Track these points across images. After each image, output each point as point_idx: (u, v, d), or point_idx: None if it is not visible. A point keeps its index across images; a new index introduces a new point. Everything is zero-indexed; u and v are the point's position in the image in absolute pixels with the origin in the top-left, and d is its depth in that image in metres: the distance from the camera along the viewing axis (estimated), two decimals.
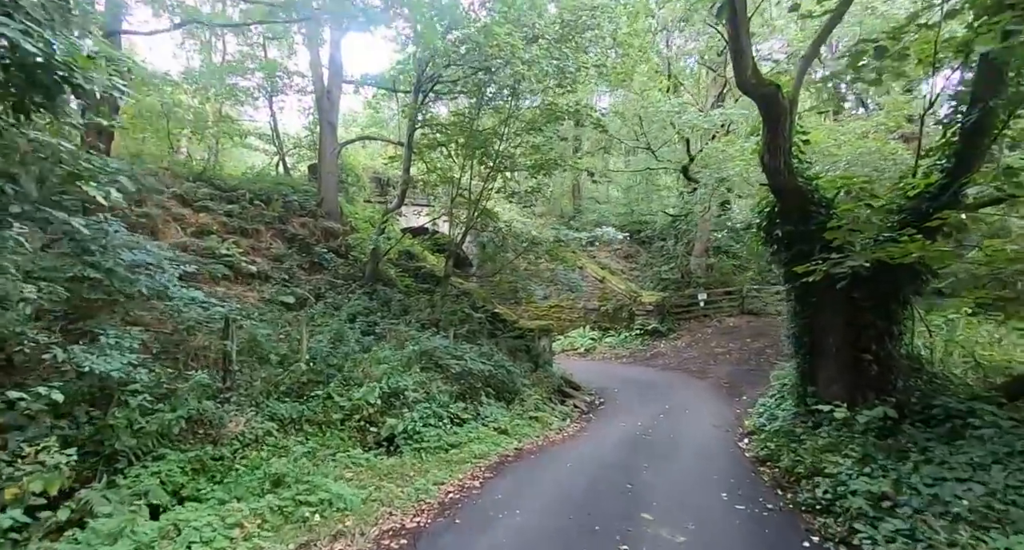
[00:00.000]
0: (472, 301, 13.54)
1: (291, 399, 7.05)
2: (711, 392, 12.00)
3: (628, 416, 10.05)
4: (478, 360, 9.50)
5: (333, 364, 7.87)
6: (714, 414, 9.76)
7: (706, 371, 14.22)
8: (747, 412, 9.73)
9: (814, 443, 5.78)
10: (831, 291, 6.30)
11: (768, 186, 6.59)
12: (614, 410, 10.88)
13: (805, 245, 6.45)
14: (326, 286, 11.70)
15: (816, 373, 6.86)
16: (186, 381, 5.84)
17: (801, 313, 6.82)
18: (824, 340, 6.64)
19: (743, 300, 18.37)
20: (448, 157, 12.17)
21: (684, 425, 8.98)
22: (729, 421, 9.19)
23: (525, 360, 12.11)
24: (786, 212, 6.54)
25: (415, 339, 9.58)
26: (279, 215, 12.46)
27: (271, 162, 15.57)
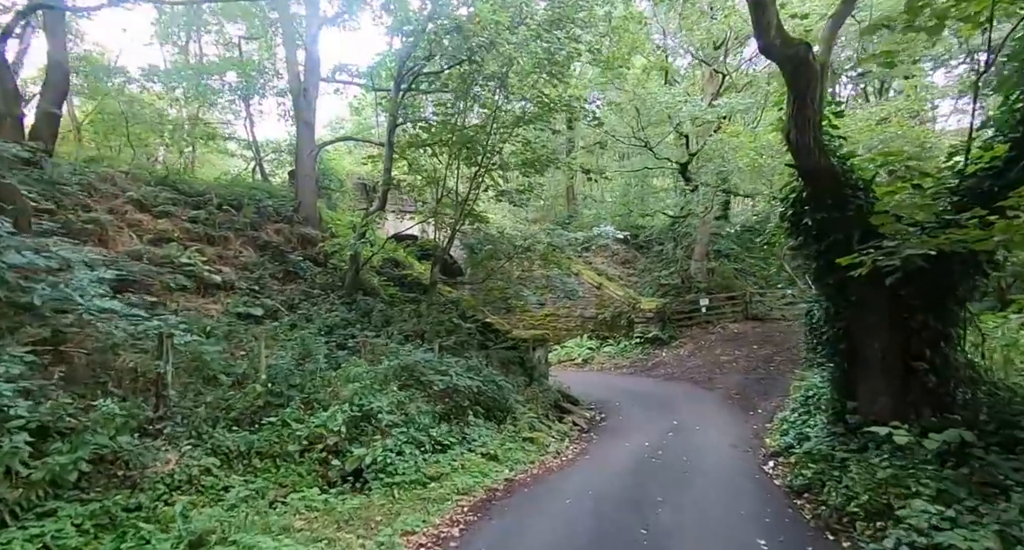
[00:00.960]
0: (461, 310, 12.42)
1: (242, 427, 5.89)
2: (721, 405, 10.86)
3: (633, 434, 8.91)
4: (465, 375, 8.37)
5: (295, 384, 6.72)
6: (729, 431, 8.63)
7: (713, 381, 13.09)
8: (765, 428, 8.60)
9: (866, 473, 4.67)
10: (874, 288, 5.23)
11: (795, 167, 5.55)
12: (617, 427, 9.73)
13: (840, 234, 5.39)
14: (301, 296, 10.57)
15: (855, 384, 5.76)
16: (101, 411, 4.69)
17: (836, 315, 5.73)
18: (866, 346, 5.56)
19: (747, 305, 17.32)
20: (432, 156, 11.14)
21: (697, 445, 7.84)
22: (747, 439, 8.06)
23: (519, 373, 10.96)
24: (817, 197, 5.48)
25: (395, 353, 8.45)
26: (251, 221, 11.36)
27: (247, 167, 14.51)
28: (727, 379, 13.05)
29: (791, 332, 16.09)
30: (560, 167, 10.94)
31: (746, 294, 17.34)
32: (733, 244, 19.22)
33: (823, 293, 5.80)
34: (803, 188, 5.64)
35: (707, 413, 10.13)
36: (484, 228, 11.02)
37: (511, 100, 10.40)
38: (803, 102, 5.14)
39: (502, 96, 10.16)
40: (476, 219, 11.20)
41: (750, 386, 12.10)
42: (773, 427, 8.42)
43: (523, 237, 10.54)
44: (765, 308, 17.27)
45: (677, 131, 14.49)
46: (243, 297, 9.61)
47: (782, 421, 8.12)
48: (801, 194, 5.67)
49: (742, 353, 14.98)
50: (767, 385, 12.00)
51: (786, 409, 8.70)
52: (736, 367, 14.00)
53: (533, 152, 10.74)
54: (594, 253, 19.73)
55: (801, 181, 5.63)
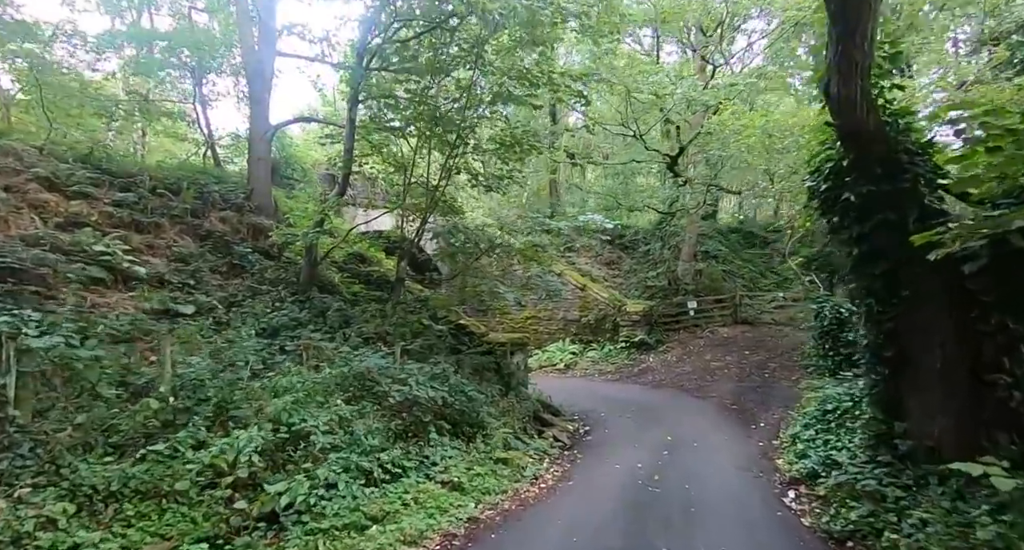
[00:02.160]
0: (432, 311, 11.03)
1: (126, 457, 4.43)
2: (718, 416, 9.63)
3: (622, 452, 7.61)
4: (428, 384, 6.98)
5: (208, 398, 5.26)
6: (732, 449, 7.38)
7: (705, 389, 11.89)
8: (773, 446, 7.38)
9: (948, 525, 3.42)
10: (935, 280, 4.02)
11: (834, 128, 4.33)
12: (604, 442, 8.43)
13: (893, 212, 4.18)
14: (245, 293, 9.06)
15: (903, 400, 4.54)
16: None
17: (881, 314, 4.50)
18: (920, 352, 4.35)
19: (736, 308, 16.23)
20: (400, 137, 9.77)
21: (699, 467, 6.56)
22: (755, 460, 6.81)
23: (494, 381, 9.60)
24: (862, 166, 4.27)
25: (346, 358, 7.03)
26: (191, 208, 9.79)
27: (198, 152, 12.92)
28: (720, 387, 11.86)
29: (783, 337, 15.03)
30: (542, 151, 9.63)
31: (735, 297, 16.26)
32: (721, 245, 18.18)
33: (864, 287, 4.58)
34: (843, 155, 4.43)
35: (703, 426, 8.89)
36: (457, 219, 9.66)
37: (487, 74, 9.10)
38: (850, 41, 3.92)
39: (477, 71, 8.85)
40: (449, 208, 9.83)
41: (746, 395, 10.92)
42: (782, 444, 7.20)
43: (499, 225, 9.19)
44: (755, 311, 16.21)
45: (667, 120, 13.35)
46: (172, 292, 8.11)
47: (794, 439, 6.89)
48: (840, 163, 4.45)
49: (734, 359, 13.85)
50: (764, 394, 10.84)
51: (795, 424, 7.50)
52: (728, 374, 12.84)
53: (512, 136, 9.43)
54: (578, 253, 18.52)
55: (841, 146, 4.41)
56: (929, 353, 4.26)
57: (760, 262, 18.47)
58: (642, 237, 18.13)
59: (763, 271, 18.27)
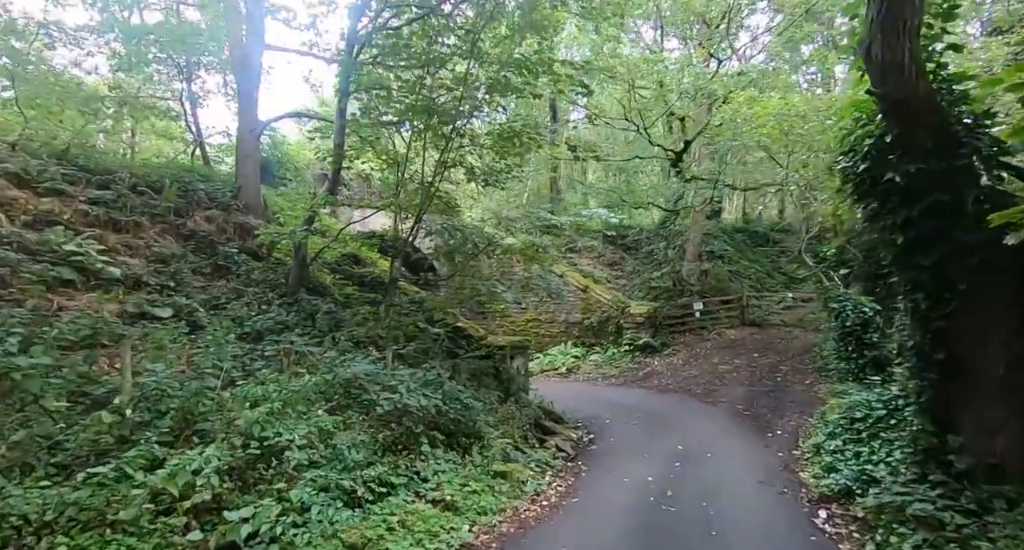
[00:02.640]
0: (428, 313, 10.46)
1: (71, 479, 3.84)
2: (730, 423, 9.01)
3: (631, 463, 7.00)
4: (420, 391, 6.38)
5: (171, 410, 4.67)
6: (749, 460, 6.76)
7: (714, 394, 11.26)
8: (793, 456, 6.75)
9: None
10: (1000, 271, 3.43)
11: (875, 98, 3.74)
12: (610, 453, 7.81)
13: (946, 193, 3.59)
14: (230, 295, 8.49)
15: (958, 410, 3.93)
16: None
17: (932, 310, 3.90)
18: (978, 355, 3.75)
19: (743, 310, 15.62)
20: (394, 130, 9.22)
21: (715, 481, 5.95)
22: (776, 472, 6.19)
23: (492, 387, 9.00)
24: (910, 140, 3.69)
25: (331, 363, 6.45)
26: (174, 206, 9.24)
27: (186, 151, 12.40)
28: (730, 391, 11.23)
29: (793, 339, 14.41)
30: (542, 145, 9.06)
31: (742, 298, 15.65)
32: (726, 245, 17.58)
33: (909, 280, 3.98)
34: (885, 129, 3.84)
35: (716, 434, 8.26)
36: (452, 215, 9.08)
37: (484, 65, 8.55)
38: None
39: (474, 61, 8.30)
40: (445, 206, 9.26)
41: (758, 400, 10.30)
42: (804, 455, 6.57)
43: (497, 221, 8.60)
44: (763, 313, 15.59)
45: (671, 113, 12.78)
46: (150, 294, 7.55)
47: (817, 449, 6.28)
48: (882, 139, 3.86)
49: (742, 362, 13.22)
50: (777, 399, 10.21)
51: (816, 432, 6.89)
52: (738, 378, 12.21)
53: (511, 129, 8.87)
54: (579, 254, 17.93)
55: (883, 119, 3.83)
56: (989, 356, 3.67)
57: (767, 262, 17.88)
58: (645, 237, 17.55)
59: (770, 271, 17.67)
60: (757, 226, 19.56)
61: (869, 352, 7.21)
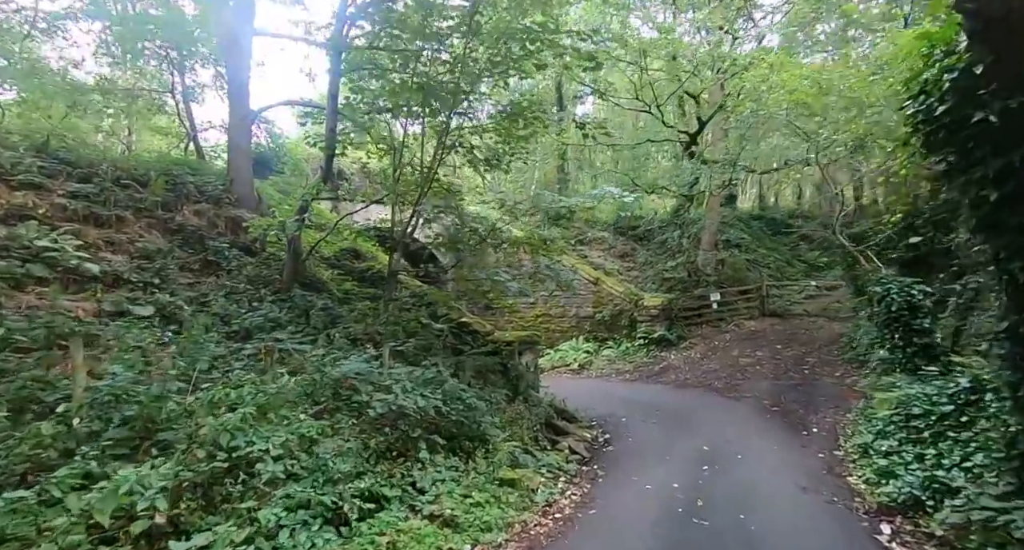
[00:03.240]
0: (432, 308, 9.81)
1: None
2: (758, 420, 8.22)
3: (652, 467, 6.27)
4: (418, 391, 5.71)
5: (128, 418, 4.05)
6: (786, 462, 5.98)
7: (737, 388, 10.46)
8: (836, 457, 5.96)
9: None
10: None
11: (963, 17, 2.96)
12: (628, 455, 7.09)
13: None
14: (219, 291, 7.90)
15: None
16: None
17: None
18: None
19: (763, 300, 14.74)
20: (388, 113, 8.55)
21: (752, 488, 5.20)
22: (819, 476, 5.41)
23: (500, 385, 8.32)
24: (1009, 68, 2.90)
25: (319, 363, 5.80)
26: (162, 200, 8.67)
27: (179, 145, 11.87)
28: (754, 386, 10.42)
29: (818, 329, 13.53)
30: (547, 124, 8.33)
31: (762, 287, 14.77)
32: (743, 233, 16.69)
33: (1004, 246, 3.17)
34: (975, 58, 3.05)
35: (744, 432, 7.49)
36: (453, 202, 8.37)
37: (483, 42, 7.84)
38: None
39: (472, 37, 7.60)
40: (446, 191, 8.59)
41: (785, 394, 9.48)
42: (849, 457, 5.78)
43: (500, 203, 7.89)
44: (784, 303, 14.71)
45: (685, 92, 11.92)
46: (132, 292, 6.98)
47: (864, 450, 5.49)
48: (970, 71, 3.07)
49: (765, 354, 12.39)
50: (807, 393, 9.39)
51: (861, 430, 6.09)
52: (761, 371, 11.39)
53: (515, 106, 8.14)
54: (589, 246, 17.17)
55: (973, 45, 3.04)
56: None
57: (786, 250, 16.96)
58: (657, 226, 16.72)
59: (789, 259, 16.75)
60: (774, 213, 18.63)
61: (919, 340, 6.38)
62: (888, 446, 5.02)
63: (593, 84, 8.83)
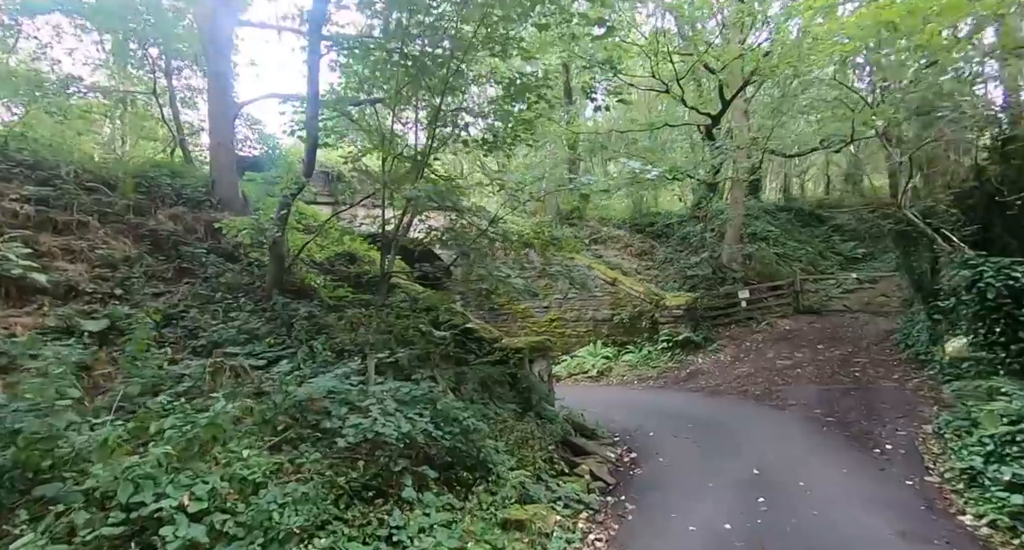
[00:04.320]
0: (434, 314, 8.72)
1: None
2: (812, 434, 6.89)
3: (693, 499, 5.03)
4: (404, 413, 4.59)
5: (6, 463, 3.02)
6: (865, 491, 4.69)
7: (778, 395, 9.10)
8: (932, 485, 4.64)
9: None
10: None
11: None
12: (661, 480, 5.85)
13: None
14: (191, 302, 6.94)
15: None
16: None
17: None
18: None
19: (796, 296, 13.32)
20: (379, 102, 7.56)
21: (830, 530, 3.93)
22: (919, 514, 4.11)
23: (508, 398, 7.17)
24: None
25: (283, 380, 4.74)
26: (133, 204, 7.82)
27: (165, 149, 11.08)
28: (798, 392, 9.06)
29: (863, 325, 12.04)
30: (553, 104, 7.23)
31: (795, 282, 13.34)
32: (770, 225, 15.29)
33: None
34: None
35: (799, 450, 6.18)
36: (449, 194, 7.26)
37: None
38: None
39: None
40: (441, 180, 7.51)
41: (838, 402, 8.11)
42: (951, 485, 4.46)
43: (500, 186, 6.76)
44: (820, 298, 13.26)
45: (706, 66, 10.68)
46: (89, 304, 6.06)
47: (973, 477, 4.17)
48: None
49: (805, 356, 10.97)
50: (863, 400, 8.00)
51: (960, 449, 4.75)
52: (803, 375, 9.99)
53: (521, 83, 7.04)
54: (605, 245, 15.96)
55: None
56: None
57: (818, 242, 15.50)
58: (677, 221, 15.43)
59: (822, 252, 15.28)
60: (802, 204, 17.19)
61: None
62: (1013, 474, 3.71)
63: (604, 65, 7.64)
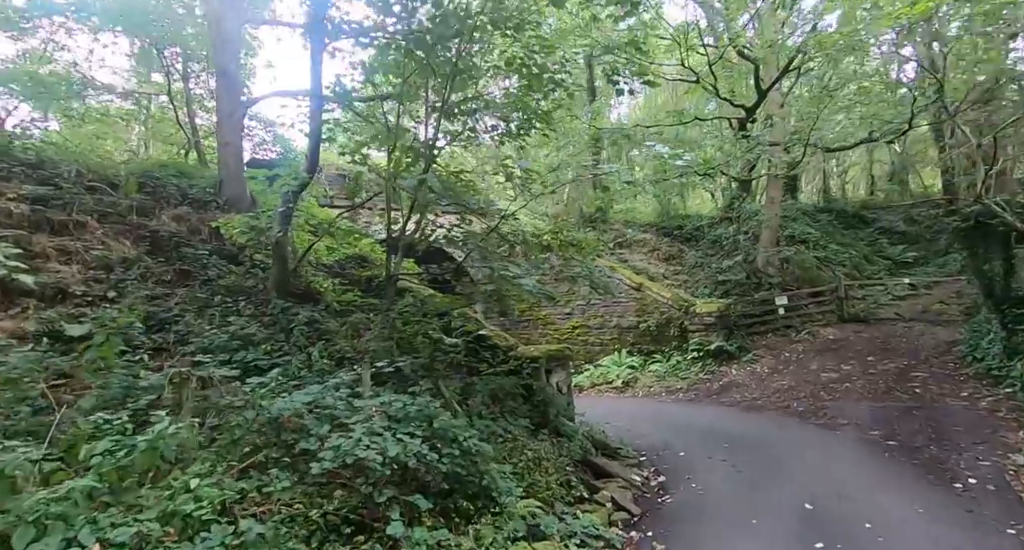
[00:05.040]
0: (447, 320, 8.10)
1: None
2: (875, 461, 5.89)
3: (735, 539, 4.20)
4: (391, 433, 3.94)
5: None
6: (953, 540, 3.77)
7: (825, 413, 8.07)
8: None
9: None
10: None
11: None
12: (695, 513, 5.01)
13: None
14: (193, 305, 6.54)
15: None
16: None
17: None
18: None
19: (841, 302, 12.14)
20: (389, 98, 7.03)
21: None
22: None
23: (522, 412, 6.44)
24: None
25: (258, 394, 4.17)
26: (136, 204, 7.52)
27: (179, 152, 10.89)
28: (848, 409, 8.01)
29: (919, 336, 10.80)
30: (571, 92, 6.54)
31: (839, 288, 12.18)
32: (809, 227, 14.13)
33: None
34: None
35: (858, 480, 5.23)
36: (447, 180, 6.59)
37: None
38: None
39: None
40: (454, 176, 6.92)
41: (899, 423, 7.06)
42: None
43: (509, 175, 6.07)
44: (868, 305, 12.04)
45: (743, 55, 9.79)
46: (78, 308, 5.70)
47: None
48: None
49: (854, 369, 9.84)
50: (931, 421, 6.92)
51: None
52: (853, 390, 8.90)
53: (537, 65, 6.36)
54: (630, 249, 15.09)
55: None
56: None
57: (863, 245, 14.23)
58: (707, 223, 14.43)
59: (868, 256, 14.01)
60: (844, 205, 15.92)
61: None
62: None
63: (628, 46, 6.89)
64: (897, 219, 14.68)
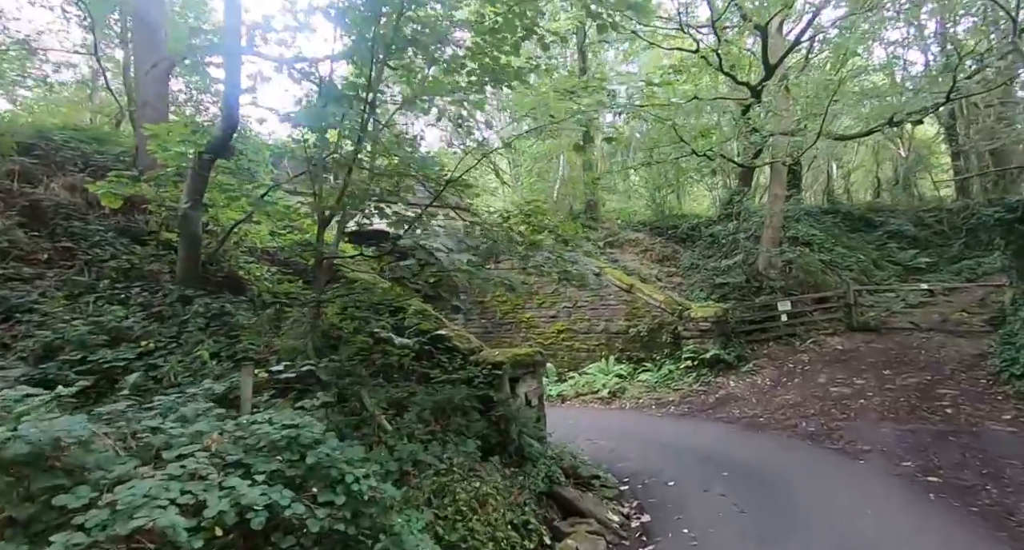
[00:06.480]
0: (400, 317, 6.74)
1: None
2: (910, 500, 4.53)
3: None
4: (236, 474, 2.55)
5: None
6: None
7: (841, 435, 6.71)
8: None
9: None
10: None
11: None
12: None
13: None
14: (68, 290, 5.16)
15: None
16: None
17: None
18: None
19: (849, 309, 10.85)
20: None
21: None
22: None
23: (476, 430, 5.04)
24: None
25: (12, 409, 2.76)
26: (18, 169, 6.15)
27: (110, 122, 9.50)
28: (868, 432, 6.65)
29: (937, 347, 9.43)
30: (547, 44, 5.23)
31: (847, 294, 10.89)
32: (813, 228, 12.87)
33: None
34: None
35: (899, 532, 3.87)
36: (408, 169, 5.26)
37: None
38: None
39: None
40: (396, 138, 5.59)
41: (934, 451, 5.70)
42: None
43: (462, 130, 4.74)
44: (879, 313, 10.75)
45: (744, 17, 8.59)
46: None
47: None
48: None
49: (868, 383, 8.51)
50: (973, 450, 5.58)
51: None
52: (869, 407, 7.56)
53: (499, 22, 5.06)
54: (622, 248, 13.79)
55: None
56: None
57: (871, 249, 12.99)
58: (704, 223, 13.17)
59: (876, 260, 12.75)
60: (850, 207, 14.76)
61: None
62: None
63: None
64: (906, 222, 13.51)
